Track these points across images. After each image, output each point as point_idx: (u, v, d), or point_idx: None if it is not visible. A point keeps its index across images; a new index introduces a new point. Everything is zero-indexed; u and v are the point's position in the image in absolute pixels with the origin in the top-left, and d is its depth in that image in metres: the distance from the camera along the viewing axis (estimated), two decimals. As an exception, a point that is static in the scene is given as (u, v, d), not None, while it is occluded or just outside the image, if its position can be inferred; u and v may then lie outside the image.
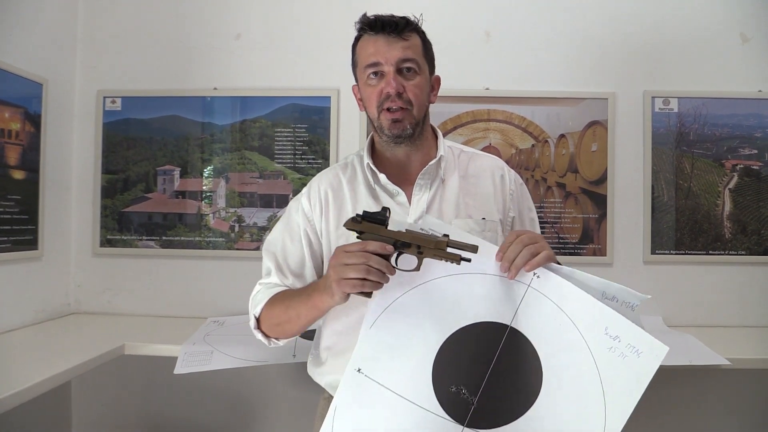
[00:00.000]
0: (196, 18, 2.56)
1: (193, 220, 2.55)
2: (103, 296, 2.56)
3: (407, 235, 1.14)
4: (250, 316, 1.42)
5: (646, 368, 1.07)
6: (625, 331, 1.09)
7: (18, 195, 2.23)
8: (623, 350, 1.08)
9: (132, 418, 2.56)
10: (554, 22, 2.48)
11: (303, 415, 1.81)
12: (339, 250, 1.15)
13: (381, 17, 1.33)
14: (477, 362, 1.16)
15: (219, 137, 2.54)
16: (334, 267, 1.15)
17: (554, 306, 1.14)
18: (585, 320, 1.12)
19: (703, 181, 2.43)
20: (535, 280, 1.16)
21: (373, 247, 1.11)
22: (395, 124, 1.33)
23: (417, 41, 1.35)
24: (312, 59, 2.52)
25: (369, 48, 1.33)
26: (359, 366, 1.19)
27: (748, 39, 2.43)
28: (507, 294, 1.17)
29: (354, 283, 1.12)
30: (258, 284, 1.47)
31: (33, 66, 2.29)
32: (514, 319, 1.16)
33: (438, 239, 1.13)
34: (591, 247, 2.46)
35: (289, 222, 1.47)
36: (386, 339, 1.19)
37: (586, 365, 1.10)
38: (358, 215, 1.16)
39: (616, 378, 1.08)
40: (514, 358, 1.16)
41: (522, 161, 2.48)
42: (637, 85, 2.46)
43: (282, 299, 1.37)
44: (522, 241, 1.15)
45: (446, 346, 1.18)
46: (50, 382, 1.63)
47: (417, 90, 1.33)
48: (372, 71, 1.33)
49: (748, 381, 2.35)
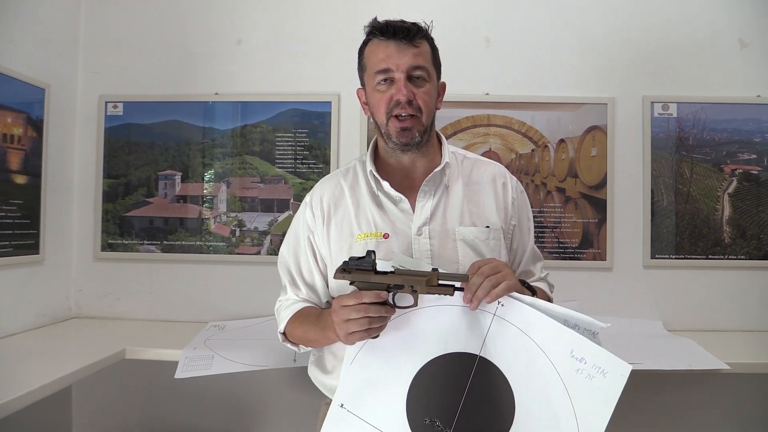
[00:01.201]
0: (197, 23, 2.57)
1: (194, 224, 2.55)
2: (104, 300, 2.57)
3: (398, 278, 1.16)
4: (278, 330, 1.47)
5: (612, 388, 1.08)
6: (589, 353, 1.10)
7: (20, 199, 2.23)
8: (590, 371, 1.10)
9: (133, 422, 2.56)
10: (554, 27, 2.49)
11: (304, 420, 1.82)
12: (338, 306, 1.17)
13: (393, 23, 1.33)
14: (449, 393, 1.18)
15: (220, 142, 2.55)
16: (337, 324, 1.18)
17: (520, 332, 1.16)
18: (550, 344, 1.14)
19: (702, 186, 2.44)
20: (500, 308, 1.18)
21: (369, 298, 1.14)
22: (404, 132, 1.33)
23: (427, 48, 1.35)
24: (313, 64, 2.53)
25: (379, 53, 1.33)
26: (342, 401, 1.23)
27: (746, 44, 2.44)
28: (474, 324, 1.19)
29: (360, 335, 1.16)
30: (278, 300, 1.51)
31: (35, 71, 2.30)
32: (482, 348, 1.18)
33: (428, 275, 1.15)
34: (591, 251, 2.46)
35: (297, 234, 1.49)
36: (365, 374, 1.22)
37: (556, 389, 1.12)
38: (345, 262, 1.18)
39: (585, 399, 1.10)
40: (485, 387, 1.17)
41: (522, 166, 2.49)
42: (636, 90, 2.47)
43: (300, 323, 1.40)
44: (483, 273, 1.16)
45: (418, 378, 1.20)
46: (51, 386, 1.63)
47: (427, 97, 1.33)
48: (382, 77, 1.33)
49: (748, 385, 2.35)
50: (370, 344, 1.22)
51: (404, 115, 1.32)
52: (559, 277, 1.66)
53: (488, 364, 1.17)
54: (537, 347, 1.14)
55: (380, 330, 1.17)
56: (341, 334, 1.18)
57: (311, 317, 1.39)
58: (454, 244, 1.36)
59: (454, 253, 1.35)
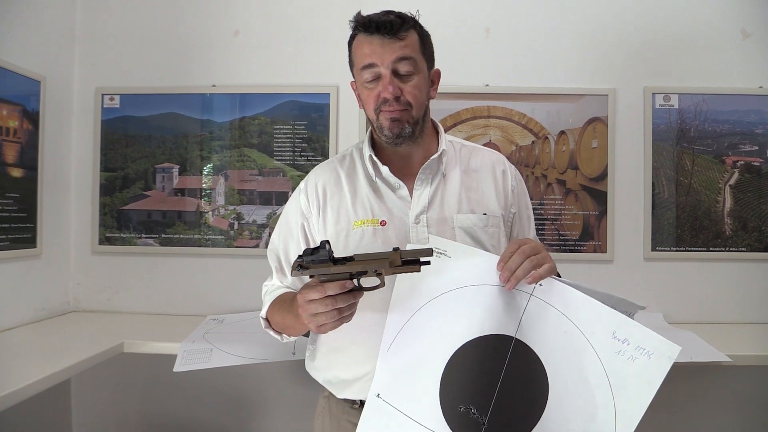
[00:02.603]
0: (194, 15, 2.55)
1: (193, 217, 2.54)
2: (102, 294, 2.56)
3: (359, 264, 1.11)
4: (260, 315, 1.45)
5: (658, 369, 1.05)
6: (633, 334, 1.08)
7: (16, 193, 2.22)
8: (632, 353, 1.07)
9: (132, 415, 2.56)
10: (554, 18, 2.47)
11: (303, 412, 1.81)
12: (303, 300, 1.13)
13: (375, 17, 1.29)
14: (484, 379, 1.14)
15: (218, 134, 2.54)
16: (306, 318, 1.14)
17: (559, 313, 1.13)
18: (591, 325, 1.11)
19: (703, 178, 2.43)
20: (538, 288, 1.14)
21: (333, 290, 1.09)
22: (394, 123, 1.31)
23: (414, 38, 1.32)
24: (311, 56, 2.51)
25: (364, 48, 1.30)
26: (378, 391, 1.19)
27: (749, 35, 2.42)
28: (510, 304, 1.15)
29: (332, 325, 1.13)
30: (264, 284, 1.50)
31: (31, 63, 2.28)
32: (518, 330, 1.14)
33: (390, 256, 1.10)
34: (591, 244, 2.45)
35: (288, 220, 1.47)
36: (399, 362, 1.18)
37: (594, 371, 1.09)
38: (300, 257, 1.12)
39: (625, 381, 1.07)
40: (521, 372, 1.14)
41: (522, 158, 2.47)
42: (637, 81, 2.45)
43: (279, 309, 1.38)
44: (524, 252, 1.13)
45: (452, 363, 1.16)
46: (50, 380, 1.63)
47: (415, 91, 1.31)
48: (368, 74, 1.31)
49: (749, 378, 2.35)
50: (407, 330, 1.18)
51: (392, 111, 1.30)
52: (560, 270, 1.63)
53: (523, 347, 1.14)
54: (576, 328, 1.11)
55: (352, 315, 1.15)
56: (312, 327, 1.15)
57: (286, 303, 1.36)
58: (453, 231, 1.34)
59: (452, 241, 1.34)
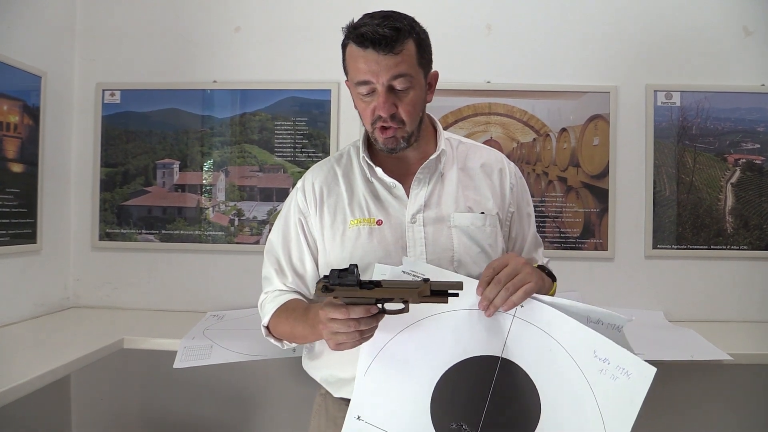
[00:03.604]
0: (195, 10, 2.54)
1: (193, 213, 2.54)
2: (102, 290, 2.56)
3: (388, 291, 1.10)
4: (261, 324, 1.43)
5: (637, 389, 1.06)
6: (613, 354, 1.09)
7: (16, 188, 2.21)
8: (613, 372, 1.08)
9: (131, 411, 2.56)
10: (555, 15, 2.46)
11: (302, 409, 1.81)
12: (325, 317, 1.12)
13: (369, 31, 1.22)
14: (474, 397, 1.17)
15: (218, 130, 2.53)
16: (326, 335, 1.14)
17: (542, 332, 1.14)
18: (574, 344, 1.12)
19: (705, 176, 2.42)
20: (520, 309, 1.16)
21: (357, 314, 1.09)
22: (389, 140, 1.31)
23: (410, 50, 1.26)
24: (312, 52, 2.50)
25: (359, 63, 1.26)
26: (358, 413, 1.20)
27: (750, 32, 2.42)
28: (493, 326, 1.17)
29: (351, 345, 1.13)
30: (263, 292, 1.46)
31: (32, 58, 2.27)
32: (504, 350, 1.16)
33: (419, 286, 1.09)
34: (592, 241, 2.45)
35: (287, 220, 1.46)
36: (381, 384, 1.20)
37: (581, 388, 1.10)
38: (326, 278, 1.10)
39: (610, 399, 1.08)
40: (510, 387, 1.16)
41: (523, 155, 2.47)
42: (639, 78, 2.44)
43: (287, 317, 1.36)
44: (500, 281, 1.14)
45: (441, 384, 1.18)
46: (49, 375, 1.63)
47: (410, 107, 1.29)
48: (363, 89, 1.28)
49: (750, 376, 2.34)
50: (385, 354, 1.20)
51: (387, 127, 1.29)
52: (560, 267, 1.64)
53: (511, 365, 1.16)
54: (560, 347, 1.12)
55: (372, 336, 1.15)
56: (331, 344, 1.14)
57: (298, 311, 1.34)
58: (449, 231, 1.34)
59: (448, 240, 1.33)
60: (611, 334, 1.12)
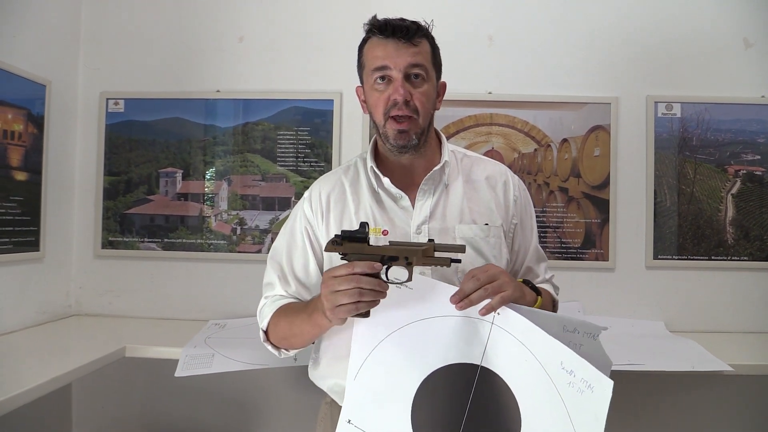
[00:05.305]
0: (199, 20, 2.56)
1: (195, 222, 2.55)
2: (104, 298, 2.56)
3: (393, 249, 1.13)
4: (259, 329, 1.43)
5: (599, 403, 1.04)
6: (577, 366, 1.07)
7: (20, 196, 2.22)
8: (579, 385, 1.07)
9: (133, 420, 2.55)
10: (557, 26, 2.48)
11: (304, 419, 1.81)
12: (327, 276, 1.14)
13: (392, 21, 1.31)
14: (453, 404, 1.17)
15: (221, 139, 2.54)
16: (325, 295, 1.14)
17: (518, 342, 1.14)
18: (545, 355, 1.11)
19: (705, 187, 2.43)
20: (497, 317, 1.16)
21: (361, 268, 1.09)
22: (401, 134, 1.32)
23: (426, 47, 1.33)
24: (315, 62, 2.52)
25: (377, 51, 1.31)
26: (349, 417, 1.22)
27: (751, 44, 2.43)
28: (473, 333, 1.18)
29: (348, 308, 1.11)
30: (263, 298, 1.46)
31: (36, 67, 2.29)
32: (483, 358, 1.17)
33: (424, 246, 1.13)
34: (593, 252, 2.45)
35: (293, 228, 1.47)
36: (369, 388, 1.22)
37: (554, 400, 1.10)
38: (337, 236, 1.14)
39: (579, 412, 1.07)
40: (489, 396, 1.16)
41: (524, 165, 2.48)
42: (640, 89, 2.46)
43: (286, 314, 1.37)
44: (478, 279, 1.15)
45: (422, 390, 1.19)
46: (51, 384, 1.62)
47: (424, 98, 1.32)
48: (379, 75, 1.31)
49: (751, 387, 2.34)
50: (374, 359, 1.21)
51: (401, 117, 1.30)
52: (561, 278, 1.66)
53: (491, 374, 1.16)
54: (534, 357, 1.12)
55: (371, 306, 1.13)
56: (328, 307, 1.13)
57: (298, 306, 1.36)
58: (454, 242, 1.34)
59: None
60: (588, 342, 1.12)
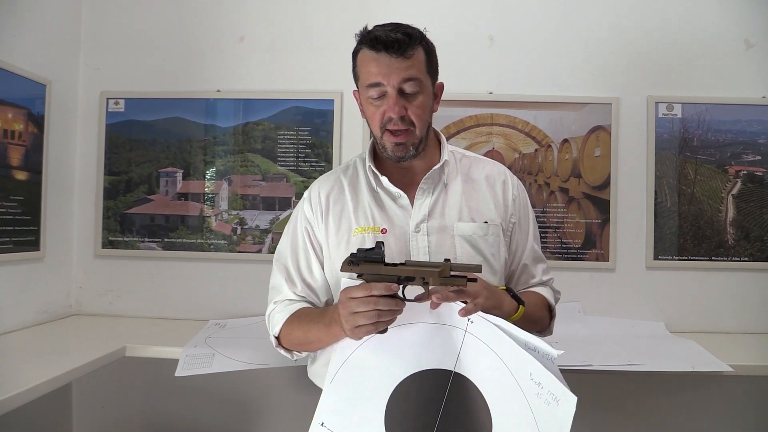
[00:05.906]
0: (199, 20, 2.56)
1: (196, 222, 2.55)
2: (104, 298, 2.56)
3: (410, 270, 1.14)
4: (270, 335, 1.43)
5: (564, 417, 1.04)
6: (544, 378, 1.08)
7: (20, 196, 2.22)
8: (546, 397, 1.07)
9: (133, 420, 2.55)
10: (558, 26, 2.48)
11: (304, 417, 1.80)
12: (345, 297, 1.15)
13: (382, 35, 1.28)
14: (426, 409, 1.18)
15: (222, 139, 2.54)
16: (344, 316, 1.15)
17: (490, 350, 1.15)
18: (516, 365, 1.12)
19: (706, 187, 2.43)
20: (470, 325, 1.17)
21: (379, 291, 1.11)
22: (398, 147, 1.33)
23: (420, 56, 1.31)
24: (315, 62, 2.52)
25: (371, 66, 1.30)
26: (322, 420, 1.23)
27: (752, 45, 2.43)
28: (447, 340, 1.19)
29: (367, 329, 1.14)
30: (272, 303, 1.46)
31: (36, 67, 2.29)
32: (457, 364, 1.18)
33: (440, 266, 1.13)
34: (593, 252, 2.45)
35: (295, 229, 1.48)
36: (344, 392, 1.22)
37: (523, 408, 1.10)
38: (353, 255, 1.15)
39: (546, 423, 1.07)
40: (462, 402, 1.17)
41: (525, 166, 2.47)
42: (640, 90, 2.46)
43: (300, 322, 1.37)
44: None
45: (395, 395, 1.20)
46: (51, 383, 1.62)
47: (419, 110, 1.32)
48: (374, 91, 1.31)
49: (751, 388, 2.34)
50: (351, 363, 1.22)
51: (398, 131, 1.31)
52: (562, 278, 1.66)
53: (464, 380, 1.17)
54: (505, 366, 1.13)
55: (389, 324, 1.15)
56: (347, 327, 1.15)
57: (313, 314, 1.36)
58: (452, 240, 1.36)
59: (452, 250, 1.35)
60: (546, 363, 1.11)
